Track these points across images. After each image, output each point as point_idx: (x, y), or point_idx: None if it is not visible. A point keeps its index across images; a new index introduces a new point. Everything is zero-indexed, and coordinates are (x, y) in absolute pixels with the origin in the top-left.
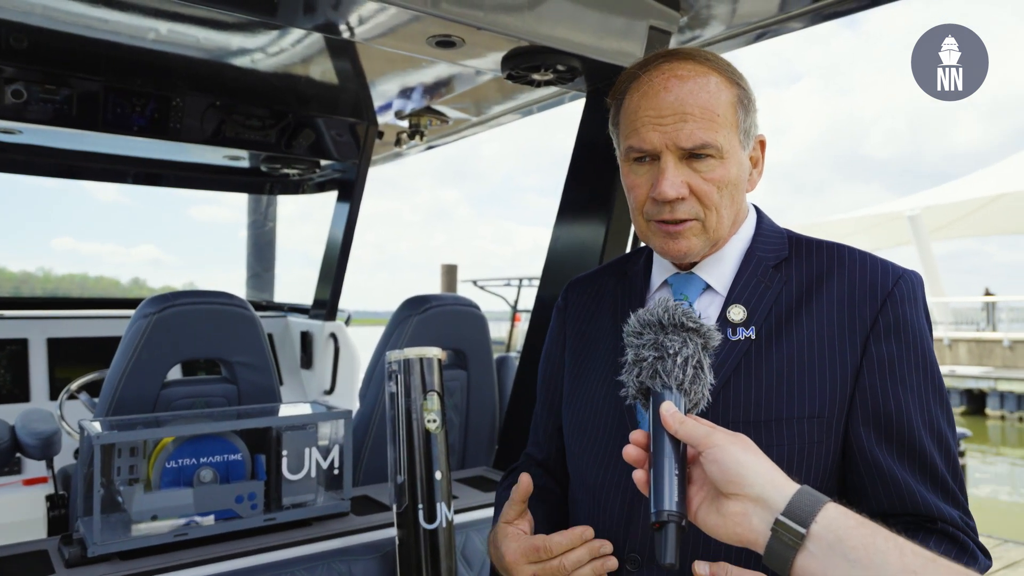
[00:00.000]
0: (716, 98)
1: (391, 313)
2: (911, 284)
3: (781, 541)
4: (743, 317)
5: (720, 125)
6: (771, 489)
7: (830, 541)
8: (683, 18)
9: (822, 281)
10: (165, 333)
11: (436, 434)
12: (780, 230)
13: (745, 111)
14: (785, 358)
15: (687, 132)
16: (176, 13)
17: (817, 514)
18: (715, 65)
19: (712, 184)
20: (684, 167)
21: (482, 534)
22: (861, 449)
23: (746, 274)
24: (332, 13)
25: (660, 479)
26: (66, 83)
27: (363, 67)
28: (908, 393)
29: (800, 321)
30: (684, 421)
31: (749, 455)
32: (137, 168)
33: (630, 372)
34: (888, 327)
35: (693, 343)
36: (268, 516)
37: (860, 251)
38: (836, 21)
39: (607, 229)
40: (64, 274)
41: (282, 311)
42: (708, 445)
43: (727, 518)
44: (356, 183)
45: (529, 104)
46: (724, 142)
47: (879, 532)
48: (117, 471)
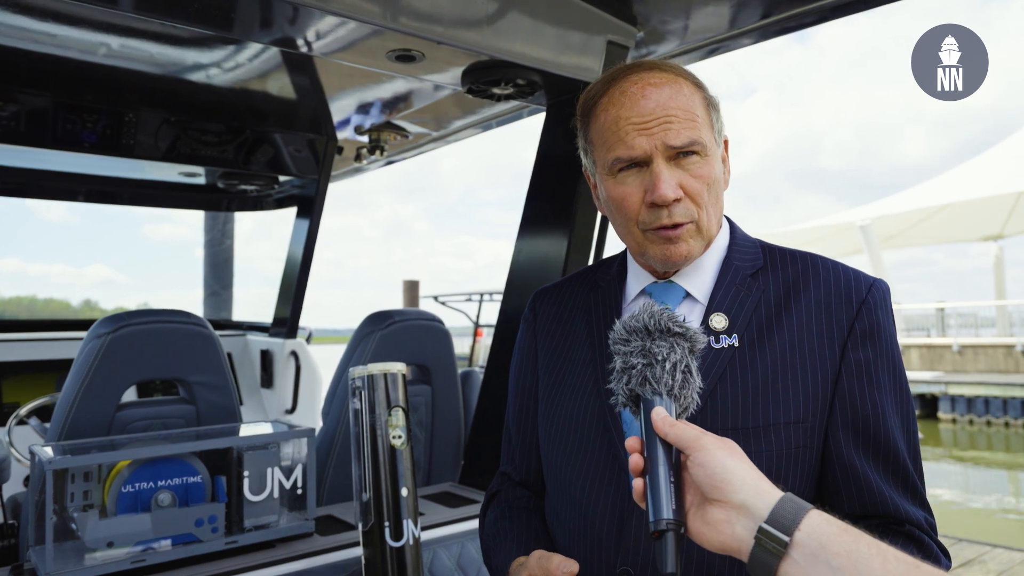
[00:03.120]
0: (692, 100)
1: (352, 331)
2: (882, 292)
3: (765, 549)
4: (725, 325)
5: (700, 124)
6: (755, 496)
7: (813, 548)
8: (640, 33)
9: (799, 289)
10: (120, 353)
11: (402, 450)
12: (753, 240)
13: (715, 112)
14: (768, 365)
15: (675, 131)
16: (128, 27)
17: (801, 522)
18: (681, 72)
19: (701, 182)
20: (675, 168)
21: (449, 550)
22: (838, 453)
23: (725, 282)
24: (290, 28)
25: (656, 487)
26: (12, 99)
27: (322, 82)
28: (883, 397)
29: (780, 328)
30: (675, 424)
31: (735, 461)
32: (89, 186)
33: (619, 380)
34: (864, 333)
35: (681, 348)
36: (230, 539)
37: (832, 260)
38: (788, 36)
39: (569, 241)
40: (11, 296)
41: (241, 330)
42: (696, 448)
43: (711, 526)
44: (316, 199)
45: (489, 119)
46: (708, 139)
47: (862, 539)
48: (70, 497)
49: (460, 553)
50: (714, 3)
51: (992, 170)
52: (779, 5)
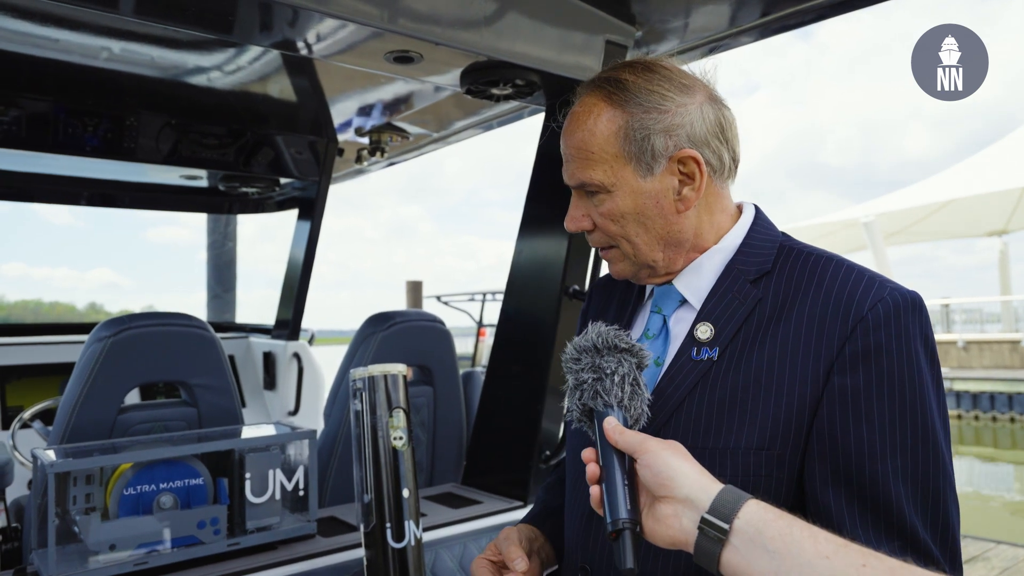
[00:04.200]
0: (592, 135)
1: (354, 332)
2: (894, 307)
3: (707, 537)
4: (710, 336)
5: (596, 162)
6: (698, 490)
7: (751, 534)
8: (638, 32)
9: (796, 299)
10: (122, 356)
11: (403, 451)
12: (774, 237)
13: (637, 139)
14: (740, 384)
15: (569, 172)
16: (129, 31)
17: (739, 510)
18: (610, 92)
19: (605, 217)
20: (586, 201)
21: (451, 551)
22: (811, 490)
23: (721, 289)
24: (289, 30)
25: (612, 491)
26: (15, 103)
27: (322, 84)
28: (874, 433)
29: (764, 344)
30: (623, 432)
31: (678, 459)
32: (91, 190)
33: (572, 396)
34: (856, 356)
35: (628, 362)
36: (232, 541)
37: (850, 265)
38: (790, 33)
39: (570, 242)
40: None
41: (244, 332)
42: (643, 451)
43: (660, 521)
44: (317, 201)
45: (489, 119)
46: (604, 177)
47: (795, 523)
48: (73, 500)
49: (463, 554)
50: (714, 1)
51: (996, 165)
52: (778, 3)
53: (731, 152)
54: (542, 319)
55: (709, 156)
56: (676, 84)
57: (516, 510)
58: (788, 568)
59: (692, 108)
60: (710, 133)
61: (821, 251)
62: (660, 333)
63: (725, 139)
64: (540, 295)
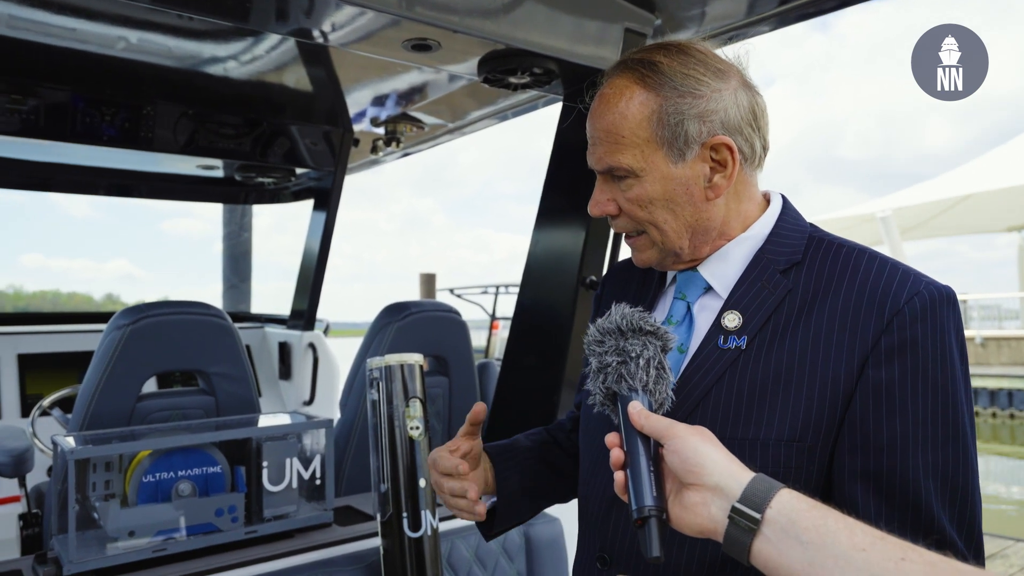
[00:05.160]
0: (623, 118)
1: (369, 324)
2: (930, 301)
3: (738, 527)
4: (737, 324)
5: (626, 146)
6: (728, 478)
7: (783, 524)
8: (657, 20)
9: (828, 290)
10: (140, 344)
11: (419, 441)
12: (803, 227)
13: (671, 124)
14: (771, 374)
15: (596, 156)
16: (146, 21)
17: (771, 500)
18: (643, 75)
19: (632, 203)
20: (612, 185)
21: (467, 541)
22: (839, 483)
23: (750, 277)
24: (305, 18)
25: (637, 477)
26: (34, 93)
27: (338, 74)
28: (908, 427)
29: (796, 334)
30: (649, 416)
31: (707, 446)
32: (108, 179)
33: (595, 379)
34: (891, 349)
35: (653, 345)
36: (249, 529)
37: (883, 258)
38: (808, 24)
39: (587, 232)
40: (36, 291)
41: (259, 322)
42: (670, 436)
43: (688, 509)
44: (332, 191)
45: (505, 109)
46: (634, 162)
47: (830, 514)
48: (92, 487)
49: (478, 544)
50: None
51: (1017, 159)
52: None
53: (762, 140)
54: (559, 310)
55: (741, 143)
56: (711, 68)
57: None
58: (822, 560)
59: (727, 94)
60: (743, 120)
61: (852, 243)
62: (684, 319)
63: (757, 127)
64: (557, 286)
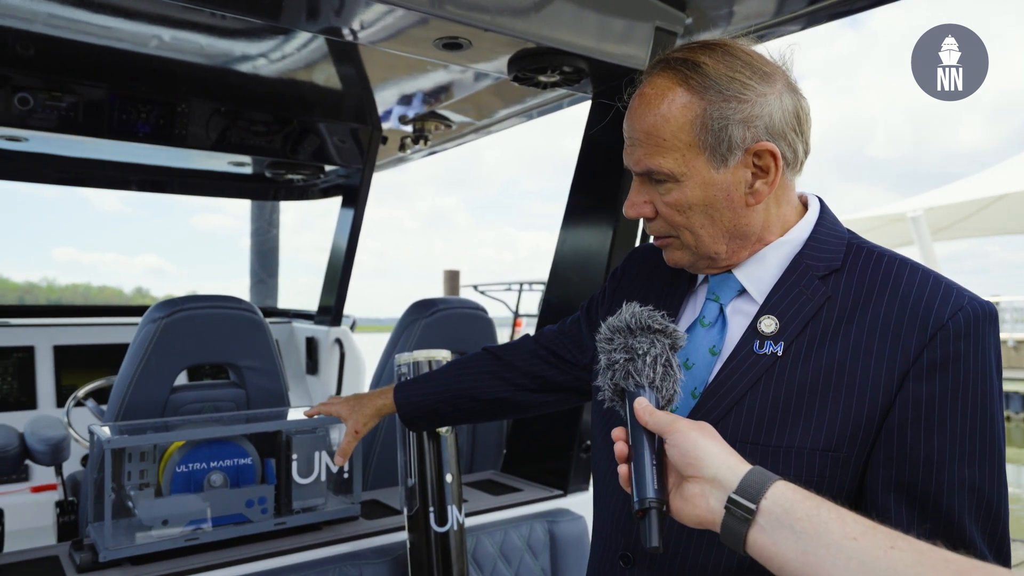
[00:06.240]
0: (665, 120)
1: (394, 320)
2: (974, 317)
3: (734, 517)
4: (774, 330)
5: (667, 149)
6: (725, 470)
7: (778, 515)
8: (688, 19)
9: (870, 300)
10: (174, 337)
11: (446, 437)
12: (841, 234)
13: (714, 129)
14: (808, 382)
15: (635, 158)
16: (180, 19)
17: (767, 490)
18: (687, 76)
19: (671, 207)
20: (649, 188)
21: (492, 537)
22: (872, 494)
23: (788, 283)
24: (336, 17)
25: (640, 470)
26: (72, 90)
27: (367, 72)
28: (946, 443)
29: (835, 343)
30: (654, 412)
31: (707, 440)
32: (142, 175)
33: (604, 376)
34: (934, 364)
35: (661, 343)
36: (279, 520)
37: (924, 270)
38: (839, 22)
39: (614, 231)
40: (68, 284)
41: (287, 317)
42: (672, 431)
43: (688, 500)
44: (360, 188)
45: (531, 108)
46: (674, 166)
47: (823, 504)
48: (127, 476)
49: (503, 540)
50: None
51: None
52: None
53: (804, 144)
54: None
55: (784, 149)
56: (758, 72)
57: (556, 499)
58: (815, 548)
59: (772, 98)
60: (787, 125)
61: (892, 252)
62: (716, 321)
63: (801, 131)
64: (584, 284)
